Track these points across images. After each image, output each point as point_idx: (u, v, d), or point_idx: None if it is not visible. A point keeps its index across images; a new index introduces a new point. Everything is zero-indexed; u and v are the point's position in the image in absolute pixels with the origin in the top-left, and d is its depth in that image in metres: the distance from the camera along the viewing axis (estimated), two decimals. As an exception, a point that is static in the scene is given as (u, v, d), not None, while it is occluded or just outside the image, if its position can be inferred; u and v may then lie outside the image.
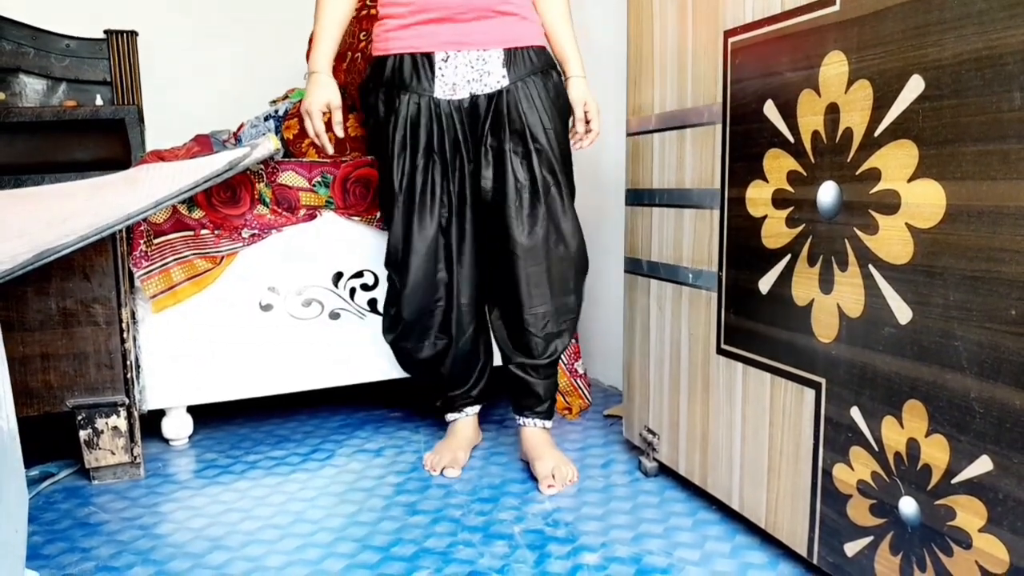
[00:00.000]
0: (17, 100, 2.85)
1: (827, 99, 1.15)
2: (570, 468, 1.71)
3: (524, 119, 1.64)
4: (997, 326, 0.92)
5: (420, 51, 1.65)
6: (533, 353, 1.73)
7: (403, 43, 1.66)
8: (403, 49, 1.66)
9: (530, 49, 1.68)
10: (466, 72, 1.65)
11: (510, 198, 1.65)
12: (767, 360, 1.32)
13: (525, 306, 1.69)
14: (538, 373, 1.76)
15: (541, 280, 1.68)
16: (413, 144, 1.66)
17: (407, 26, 1.65)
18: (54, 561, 1.40)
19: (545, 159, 1.66)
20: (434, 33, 1.64)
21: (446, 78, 1.65)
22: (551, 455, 1.74)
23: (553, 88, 1.69)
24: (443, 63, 1.65)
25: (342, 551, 1.42)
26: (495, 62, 1.66)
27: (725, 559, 1.36)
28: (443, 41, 1.64)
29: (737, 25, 1.34)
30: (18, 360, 1.65)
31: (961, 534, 0.98)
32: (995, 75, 0.90)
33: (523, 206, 1.66)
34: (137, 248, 1.82)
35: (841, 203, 1.13)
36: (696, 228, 1.50)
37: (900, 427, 1.06)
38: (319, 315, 2.04)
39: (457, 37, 1.64)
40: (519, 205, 1.66)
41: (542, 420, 1.80)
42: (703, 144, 1.47)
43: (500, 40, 1.65)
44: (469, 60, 1.65)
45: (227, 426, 2.14)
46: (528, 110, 1.64)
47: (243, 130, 2.53)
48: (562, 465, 1.71)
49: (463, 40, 1.64)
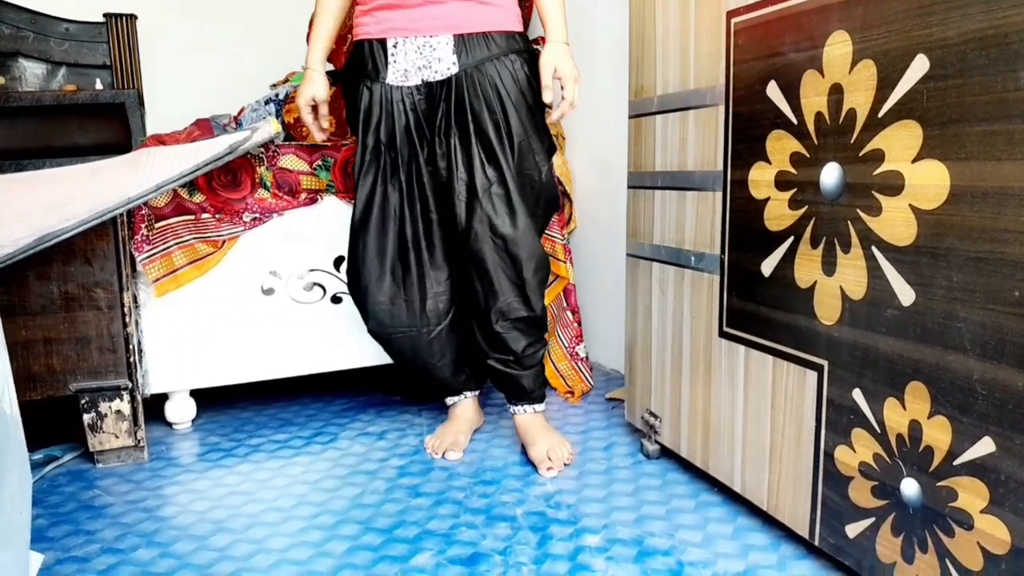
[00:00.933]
0: (17, 84, 2.84)
1: (831, 80, 1.14)
2: (564, 447, 1.72)
3: (470, 107, 1.61)
4: (1000, 307, 0.91)
5: (375, 37, 1.65)
6: (503, 348, 1.71)
7: (364, 29, 1.67)
8: (364, 35, 1.67)
9: (489, 34, 1.63)
10: (415, 58, 1.63)
11: (455, 192, 1.63)
12: (769, 343, 1.32)
13: (480, 301, 1.68)
14: (519, 365, 1.73)
15: (488, 277, 1.65)
16: (365, 128, 1.68)
17: (367, 11, 1.66)
18: (59, 544, 1.41)
19: (490, 153, 1.62)
20: (387, 19, 1.64)
21: (398, 64, 1.64)
22: (545, 438, 1.73)
23: (512, 75, 1.63)
24: (394, 49, 1.64)
25: (345, 533, 1.43)
26: (444, 48, 1.62)
27: (727, 541, 1.36)
28: (394, 26, 1.63)
29: (740, 5, 1.33)
30: (21, 344, 1.66)
31: (963, 515, 0.98)
32: (1000, 54, 0.89)
33: (463, 200, 1.63)
34: (139, 232, 1.82)
35: (844, 185, 1.13)
36: (698, 211, 1.50)
37: (902, 409, 1.06)
38: (321, 299, 2.04)
39: (406, 22, 1.62)
40: (460, 199, 1.63)
41: (532, 405, 1.78)
42: (706, 126, 1.46)
43: (448, 26, 1.61)
44: (417, 46, 1.63)
45: (230, 410, 2.14)
46: (474, 98, 1.61)
47: (244, 114, 2.52)
48: (556, 446, 1.70)
49: (411, 26, 1.62)
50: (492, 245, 1.63)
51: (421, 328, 1.75)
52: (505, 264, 1.65)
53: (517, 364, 1.73)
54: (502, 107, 1.62)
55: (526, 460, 1.74)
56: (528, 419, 1.78)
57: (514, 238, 1.64)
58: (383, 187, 1.70)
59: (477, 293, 1.68)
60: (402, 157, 1.68)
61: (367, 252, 1.72)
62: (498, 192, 1.63)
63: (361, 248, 1.72)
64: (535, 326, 1.72)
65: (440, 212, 1.70)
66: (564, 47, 1.65)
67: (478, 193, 1.62)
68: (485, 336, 1.72)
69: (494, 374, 1.76)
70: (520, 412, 1.78)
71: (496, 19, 1.65)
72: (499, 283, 1.65)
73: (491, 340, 1.71)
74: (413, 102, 1.66)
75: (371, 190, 1.70)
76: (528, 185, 1.68)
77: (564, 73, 1.64)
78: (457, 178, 1.63)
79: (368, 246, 1.72)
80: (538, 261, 1.68)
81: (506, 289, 1.66)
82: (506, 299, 1.66)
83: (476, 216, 1.63)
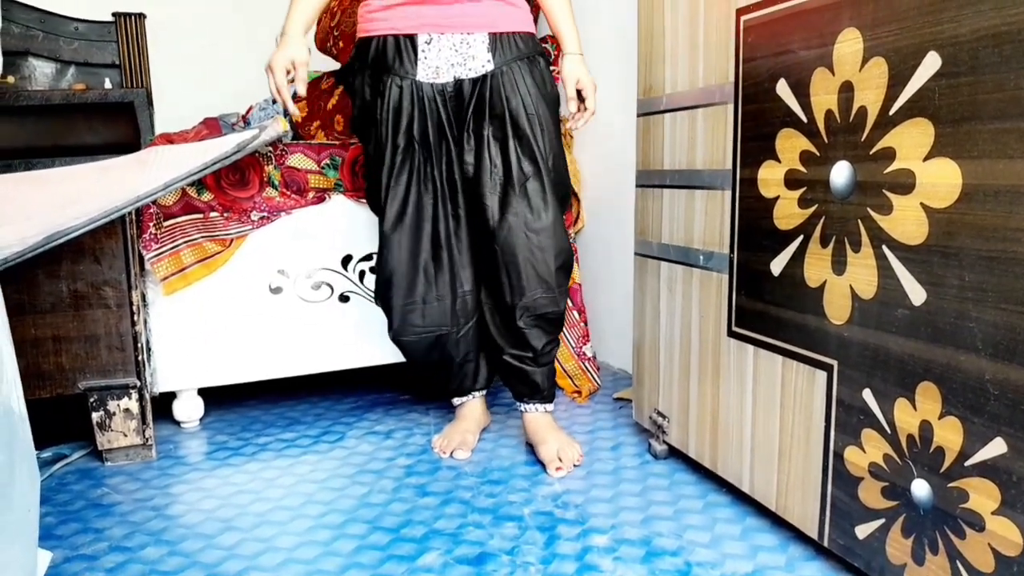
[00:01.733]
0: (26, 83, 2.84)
1: (841, 77, 1.13)
2: (575, 448, 1.71)
3: (506, 104, 1.61)
4: (1013, 307, 0.90)
5: (403, 33, 1.62)
6: (522, 344, 1.70)
7: (387, 24, 1.63)
8: (386, 30, 1.63)
9: (516, 35, 1.65)
10: (449, 55, 1.62)
11: (486, 186, 1.63)
12: (778, 342, 1.31)
13: (506, 296, 1.66)
14: (535, 362, 1.73)
15: (518, 272, 1.64)
16: (395, 127, 1.64)
17: (391, 6, 1.62)
18: (67, 541, 1.42)
19: (527, 147, 1.62)
20: (418, 14, 1.60)
21: (429, 61, 1.62)
22: (555, 437, 1.73)
23: (539, 75, 1.66)
24: (426, 46, 1.62)
25: (352, 532, 1.43)
26: (479, 46, 1.62)
27: (735, 542, 1.36)
28: (426, 23, 1.61)
29: (750, 3, 1.32)
30: (30, 342, 1.66)
31: (974, 517, 0.97)
32: (1013, 51, 0.88)
33: (495, 194, 1.63)
34: (147, 230, 1.82)
35: (855, 183, 1.12)
36: (707, 209, 1.49)
37: (913, 409, 1.05)
38: (329, 298, 2.04)
39: (440, 19, 1.60)
40: (492, 193, 1.63)
41: (543, 404, 1.78)
42: (715, 124, 1.45)
43: (485, 24, 1.62)
44: (453, 43, 1.62)
45: (238, 408, 2.15)
46: (511, 95, 1.61)
47: (252, 112, 2.53)
48: (566, 447, 1.70)
49: (446, 23, 1.60)
50: (525, 239, 1.62)
51: (451, 327, 1.74)
52: (535, 259, 1.63)
53: (533, 361, 1.72)
54: (534, 104, 1.63)
55: (534, 460, 1.74)
56: (538, 418, 1.77)
57: (547, 232, 1.63)
58: (417, 187, 1.67)
59: (503, 287, 1.66)
60: (436, 155, 1.66)
61: (401, 254, 1.69)
62: (534, 187, 1.63)
63: (396, 251, 1.69)
64: (556, 324, 1.72)
65: (467, 207, 1.69)
66: (580, 58, 1.70)
67: (514, 186, 1.62)
68: (507, 331, 1.72)
69: (508, 370, 1.76)
70: (531, 410, 1.78)
71: (521, 20, 1.67)
72: (527, 278, 1.64)
73: (511, 335, 1.71)
74: (445, 99, 1.64)
75: (405, 193, 1.67)
76: (560, 182, 1.70)
77: (585, 84, 1.68)
78: (490, 172, 1.63)
79: (403, 248, 1.69)
80: (566, 258, 1.69)
81: (534, 284, 1.64)
82: (533, 295, 1.65)
83: (511, 209, 1.62)
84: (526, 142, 1.62)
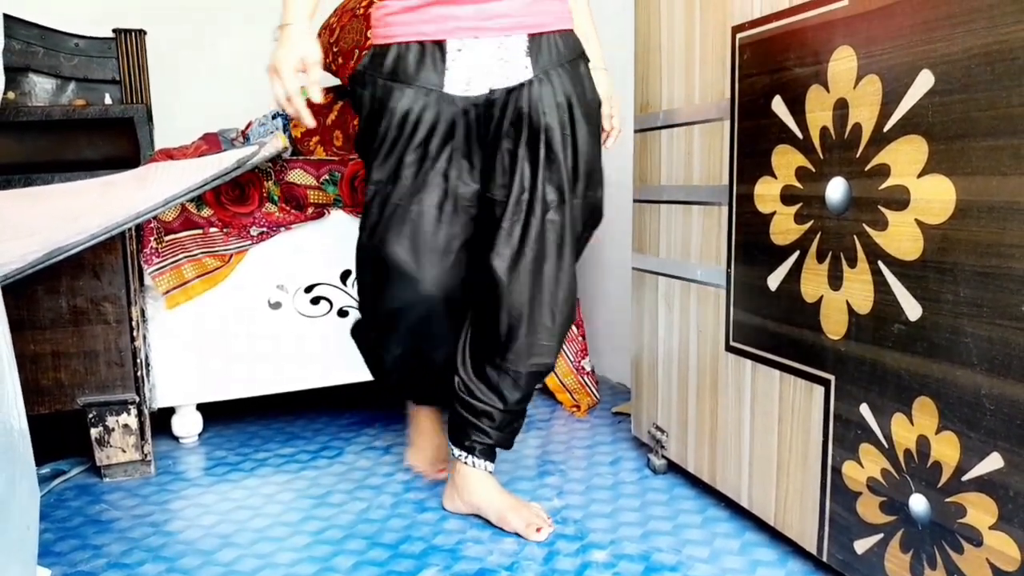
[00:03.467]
0: (27, 99, 2.85)
1: (836, 95, 1.14)
2: (540, 509, 1.52)
3: (542, 118, 1.37)
4: (1007, 322, 0.91)
5: (430, 38, 1.37)
6: (498, 392, 1.47)
7: (411, 29, 1.37)
8: (411, 36, 1.37)
9: (557, 35, 1.41)
10: (486, 62, 1.37)
11: (508, 210, 1.40)
12: (776, 357, 1.32)
13: (502, 334, 1.43)
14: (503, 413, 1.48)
15: (519, 310, 1.41)
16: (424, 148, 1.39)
17: (416, 7, 1.37)
18: (66, 558, 1.41)
19: (556, 172, 1.40)
20: (450, 16, 1.36)
21: (460, 70, 1.37)
22: (510, 506, 1.50)
23: (581, 84, 1.42)
24: (457, 53, 1.37)
25: (351, 548, 1.43)
26: (517, 50, 1.38)
27: (734, 556, 1.36)
28: (462, 26, 1.36)
29: (745, 20, 1.34)
30: (29, 358, 1.66)
31: (972, 531, 0.98)
32: (1006, 69, 0.89)
33: (514, 222, 1.40)
34: (148, 245, 1.83)
35: (850, 199, 1.13)
36: (704, 225, 1.50)
37: (910, 424, 1.06)
38: (327, 313, 2.04)
39: (479, 20, 1.36)
40: (511, 218, 1.40)
41: (485, 460, 1.51)
42: (711, 140, 1.46)
43: (524, 23, 1.37)
44: (490, 49, 1.37)
45: (236, 424, 2.14)
46: (549, 109, 1.37)
47: (251, 128, 2.54)
48: (530, 511, 1.49)
49: (483, 25, 1.36)
50: (530, 277, 1.41)
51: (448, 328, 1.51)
52: (539, 300, 1.42)
53: (500, 411, 1.49)
54: (572, 123, 1.41)
55: (535, 475, 1.73)
56: (481, 479, 1.51)
57: (557, 271, 1.43)
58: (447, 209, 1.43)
59: (498, 324, 1.42)
60: (463, 175, 1.42)
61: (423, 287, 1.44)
62: (552, 219, 1.41)
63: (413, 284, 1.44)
64: (540, 378, 1.52)
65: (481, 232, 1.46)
66: (606, 73, 1.54)
67: (535, 215, 1.40)
68: (484, 372, 1.48)
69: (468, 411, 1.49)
70: (478, 465, 1.51)
71: (564, 15, 1.44)
72: (528, 319, 1.42)
73: (487, 379, 1.47)
74: (477, 113, 1.40)
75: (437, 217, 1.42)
76: (587, 211, 1.48)
77: (615, 103, 1.57)
78: (517, 197, 1.40)
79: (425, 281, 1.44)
80: (572, 305, 1.47)
81: (535, 327, 1.43)
82: (531, 338, 1.43)
83: (527, 241, 1.40)
84: (556, 167, 1.40)
